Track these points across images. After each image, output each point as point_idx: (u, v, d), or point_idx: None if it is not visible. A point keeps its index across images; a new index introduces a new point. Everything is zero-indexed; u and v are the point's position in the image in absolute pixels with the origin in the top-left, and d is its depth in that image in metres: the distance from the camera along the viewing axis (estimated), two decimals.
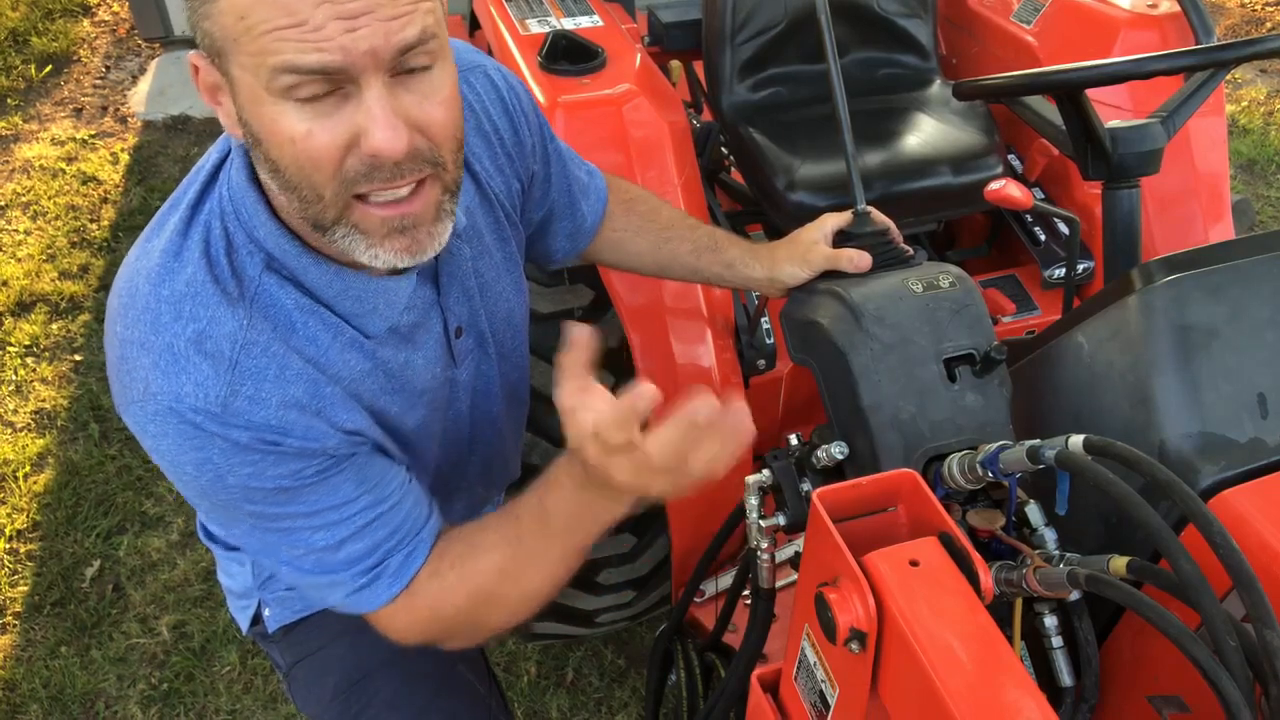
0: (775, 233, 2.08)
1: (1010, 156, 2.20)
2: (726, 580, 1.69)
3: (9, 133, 4.06)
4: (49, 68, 4.45)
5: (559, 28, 1.89)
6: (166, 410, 0.89)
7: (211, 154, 1.00)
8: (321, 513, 0.97)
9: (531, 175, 1.22)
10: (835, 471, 1.11)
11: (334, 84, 0.81)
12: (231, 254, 0.94)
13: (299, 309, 0.96)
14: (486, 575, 1.02)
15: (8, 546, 2.55)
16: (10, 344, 3.10)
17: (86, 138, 4.04)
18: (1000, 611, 0.91)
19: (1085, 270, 2.01)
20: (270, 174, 0.88)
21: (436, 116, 0.87)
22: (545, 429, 1.79)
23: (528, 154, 1.19)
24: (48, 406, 2.91)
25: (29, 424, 2.87)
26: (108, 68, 4.52)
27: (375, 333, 1.01)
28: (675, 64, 2.36)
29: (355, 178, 0.85)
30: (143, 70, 4.51)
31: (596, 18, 1.95)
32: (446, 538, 1.06)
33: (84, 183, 3.79)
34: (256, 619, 1.37)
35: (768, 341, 1.83)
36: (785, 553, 1.52)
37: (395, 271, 1.01)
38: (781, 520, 1.12)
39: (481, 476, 1.34)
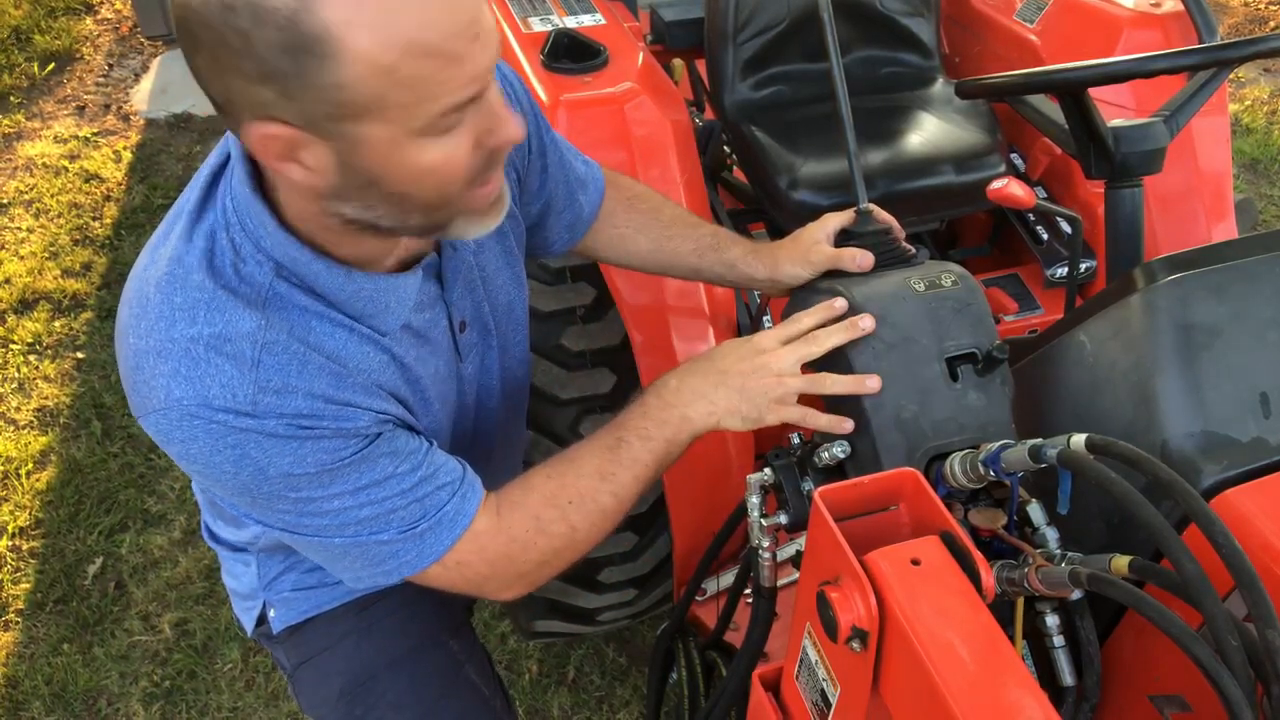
0: (777, 231, 2.08)
1: (1013, 155, 2.20)
2: (728, 579, 1.69)
3: (12, 130, 4.07)
4: (51, 65, 4.46)
5: (561, 26, 1.89)
6: (193, 415, 0.89)
7: (210, 160, 1.00)
8: (365, 488, 0.97)
9: (528, 166, 1.22)
10: (837, 470, 1.11)
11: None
12: (239, 264, 0.93)
13: (312, 312, 0.96)
14: (587, 477, 1.08)
15: (10, 544, 2.56)
16: (13, 342, 3.10)
17: (89, 135, 4.04)
18: (1002, 610, 0.91)
19: (1088, 269, 2.01)
20: (385, 207, 0.88)
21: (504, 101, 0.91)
22: (546, 427, 1.79)
23: (524, 145, 1.20)
24: (50, 404, 2.92)
25: (31, 422, 2.87)
26: (110, 66, 4.53)
27: (388, 330, 1.02)
28: (677, 62, 2.36)
29: (479, 170, 0.89)
30: (145, 68, 4.51)
31: (599, 16, 1.95)
32: (530, 476, 1.11)
33: (86, 180, 3.79)
34: (261, 620, 1.37)
35: None
36: (787, 551, 1.51)
37: (402, 268, 1.02)
38: (783, 519, 1.12)
39: (483, 472, 1.34)
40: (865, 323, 1.08)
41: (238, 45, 0.74)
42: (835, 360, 1.14)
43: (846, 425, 1.08)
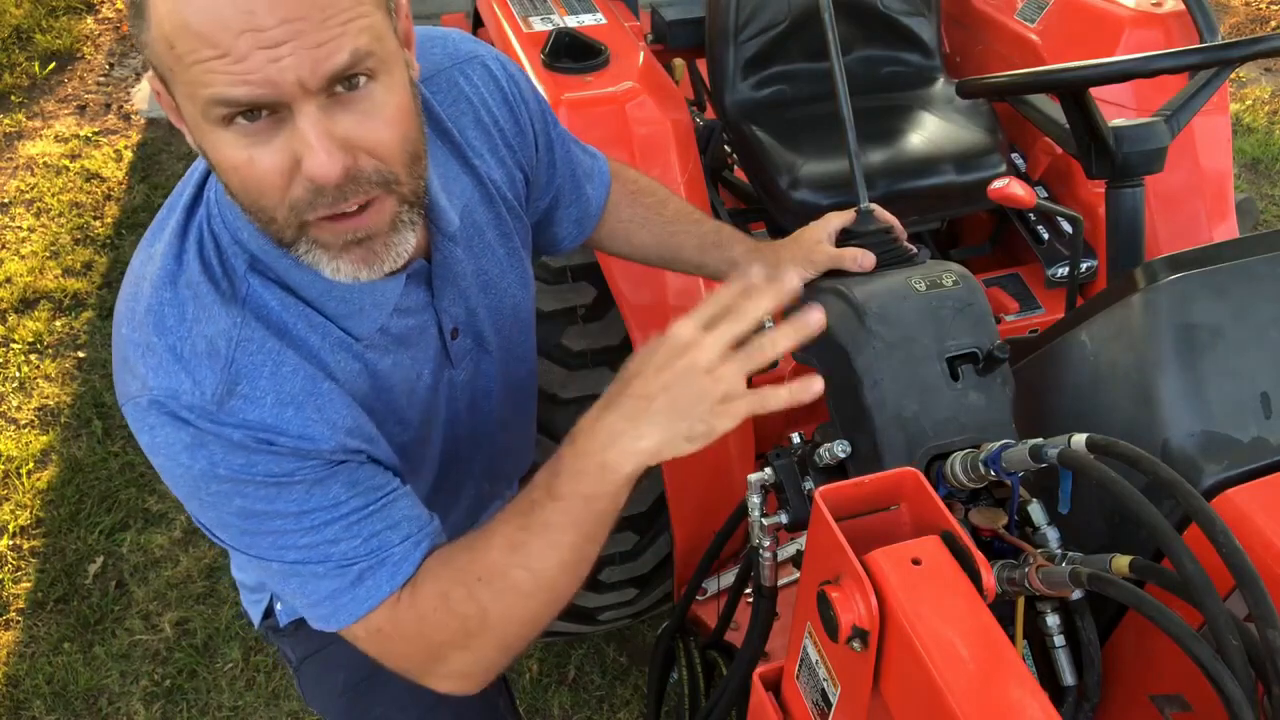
0: (778, 231, 2.08)
1: (1014, 155, 2.20)
2: (728, 578, 1.69)
3: (13, 130, 4.07)
4: (52, 65, 4.46)
5: (562, 25, 1.89)
6: (160, 405, 0.90)
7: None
8: (311, 513, 0.94)
9: (535, 164, 1.21)
10: (837, 470, 1.11)
11: (269, 109, 0.79)
12: (220, 256, 0.94)
13: (285, 310, 0.96)
14: (496, 549, 0.94)
15: (11, 543, 2.56)
16: (14, 341, 3.11)
17: (90, 135, 4.04)
18: (1002, 610, 0.91)
19: (1088, 269, 2.01)
20: (230, 196, 0.88)
21: (381, 136, 0.84)
22: (548, 426, 1.79)
23: (530, 143, 1.18)
24: (51, 403, 2.92)
25: (32, 421, 2.87)
26: (111, 65, 4.53)
27: (363, 334, 1.00)
28: (678, 62, 2.36)
29: (303, 205, 0.83)
30: (146, 67, 4.51)
31: (600, 15, 1.95)
32: (453, 543, 1.01)
33: (87, 180, 3.80)
34: (268, 613, 1.37)
35: None
36: (787, 551, 1.52)
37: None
38: (783, 518, 1.12)
39: (486, 473, 1.34)
40: (814, 315, 0.86)
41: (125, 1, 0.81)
42: (838, 359, 1.14)
43: (815, 387, 0.86)
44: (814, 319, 0.86)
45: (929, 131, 2.07)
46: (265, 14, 0.75)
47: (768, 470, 1.13)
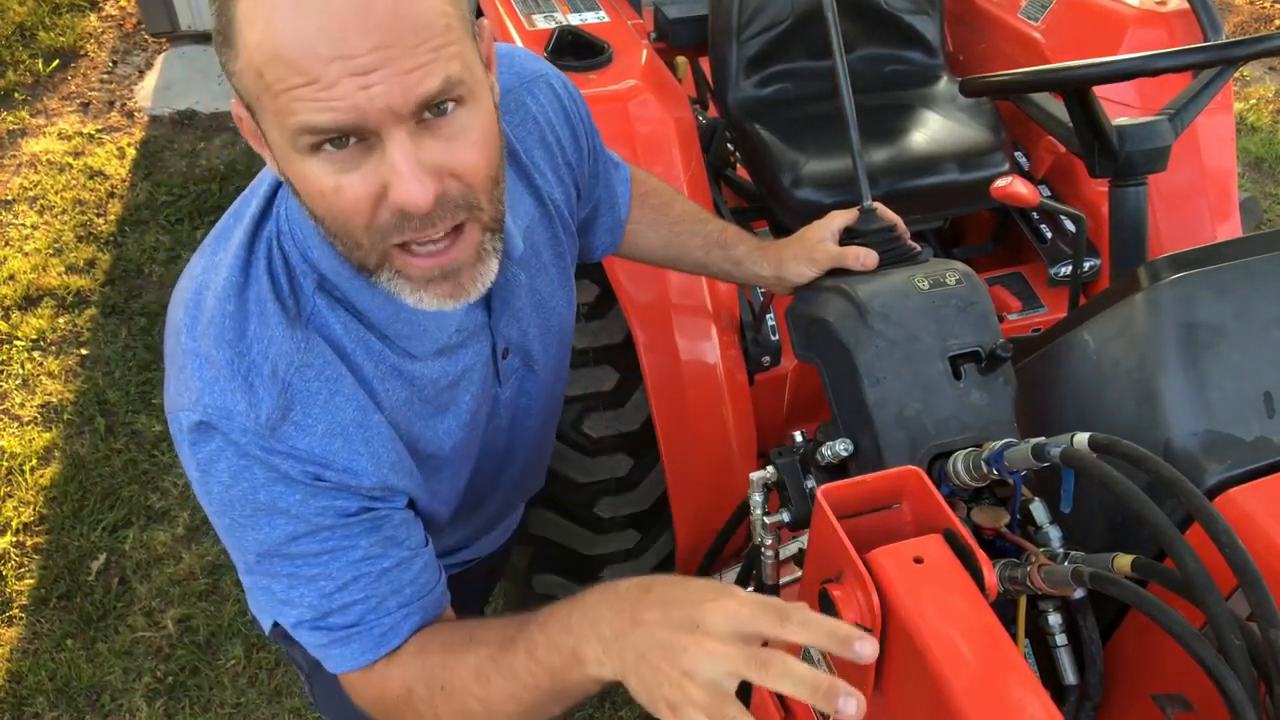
0: (781, 229, 2.08)
1: (1017, 153, 2.20)
2: (730, 577, 1.69)
3: (16, 127, 4.07)
4: (56, 62, 4.46)
5: (565, 23, 1.89)
6: (213, 425, 0.89)
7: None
8: (331, 554, 0.95)
9: (585, 178, 1.21)
10: (839, 468, 1.11)
11: (357, 135, 0.79)
12: (290, 275, 0.93)
13: (347, 334, 0.95)
14: (466, 668, 0.94)
15: (14, 540, 2.56)
16: (17, 338, 3.11)
17: (93, 132, 4.05)
18: (1004, 609, 0.91)
19: (1091, 268, 2.01)
20: (314, 222, 0.87)
21: (467, 160, 0.83)
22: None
23: (584, 159, 1.19)
24: (54, 401, 2.92)
25: (35, 418, 2.88)
26: (114, 62, 4.53)
27: (421, 354, 1.00)
28: (681, 60, 2.36)
29: (388, 229, 0.83)
30: (149, 65, 4.52)
31: (603, 13, 1.95)
32: (439, 634, 1.00)
33: (90, 177, 3.80)
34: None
35: (772, 338, 1.83)
36: (789, 549, 1.52)
37: None
38: (786, 517, 1.12)
39: (516, 485, 1.33)
40: (847, 708, 0.69)
41: (215, 25, 0.81)
42: (840, 357, 1.14)
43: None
44: (847, 708, 0.69)
45: (932, 130, 2.07)
46: (358, 40, 0.74)
47: (770, 469, 1.13)
